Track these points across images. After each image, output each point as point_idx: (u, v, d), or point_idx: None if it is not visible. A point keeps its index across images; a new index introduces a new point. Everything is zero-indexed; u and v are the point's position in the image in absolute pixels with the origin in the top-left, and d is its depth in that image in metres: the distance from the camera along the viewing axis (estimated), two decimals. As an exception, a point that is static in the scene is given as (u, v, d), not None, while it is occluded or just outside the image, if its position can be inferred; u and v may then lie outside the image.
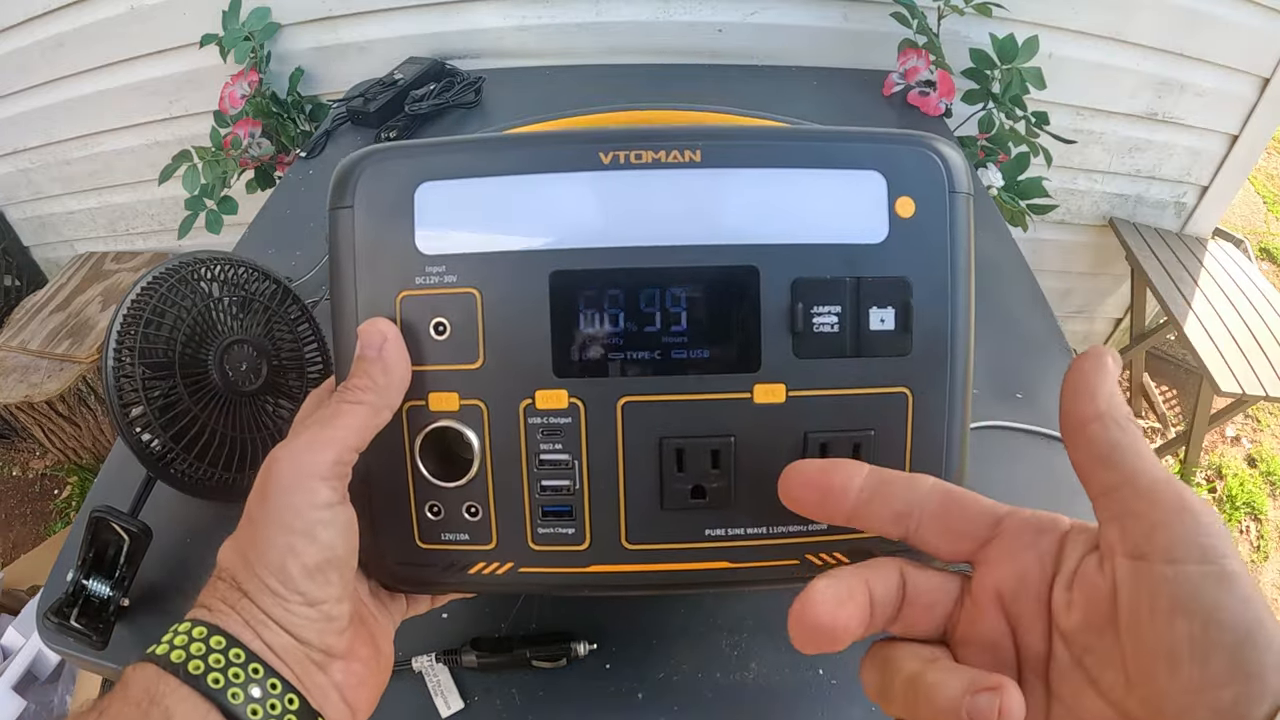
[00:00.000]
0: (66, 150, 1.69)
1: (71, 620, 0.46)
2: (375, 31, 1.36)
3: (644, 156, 0.32)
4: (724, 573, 0.34)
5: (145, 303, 0.48)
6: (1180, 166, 1.53)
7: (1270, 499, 1.73)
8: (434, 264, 0.32)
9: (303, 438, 0.29)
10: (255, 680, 0.26)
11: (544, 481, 0.33)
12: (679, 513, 0.33)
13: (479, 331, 0.32)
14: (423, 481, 0.33)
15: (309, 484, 0.28)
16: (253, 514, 0.28)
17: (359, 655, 0.30)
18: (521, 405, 0.33)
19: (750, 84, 1.20)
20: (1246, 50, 1.36)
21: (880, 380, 0.32)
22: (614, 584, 0.34)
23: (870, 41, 1.27)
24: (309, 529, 0.28)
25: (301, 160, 1.01)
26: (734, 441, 0.33)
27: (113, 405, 0.46)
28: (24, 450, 1.81)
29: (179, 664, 0.25)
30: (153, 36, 1.43)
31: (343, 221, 0.33)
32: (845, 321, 0.32)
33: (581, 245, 0.32)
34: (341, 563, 0.29)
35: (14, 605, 1.25)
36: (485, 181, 0.32)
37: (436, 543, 0.34)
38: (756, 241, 0.32)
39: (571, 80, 1.21)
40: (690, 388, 0.32)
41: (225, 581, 0.28)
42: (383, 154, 0.33)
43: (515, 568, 0.34)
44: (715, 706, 0.44)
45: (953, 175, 0.32)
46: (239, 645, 0.26)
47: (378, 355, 0.31)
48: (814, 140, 0.33)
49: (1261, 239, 2.43)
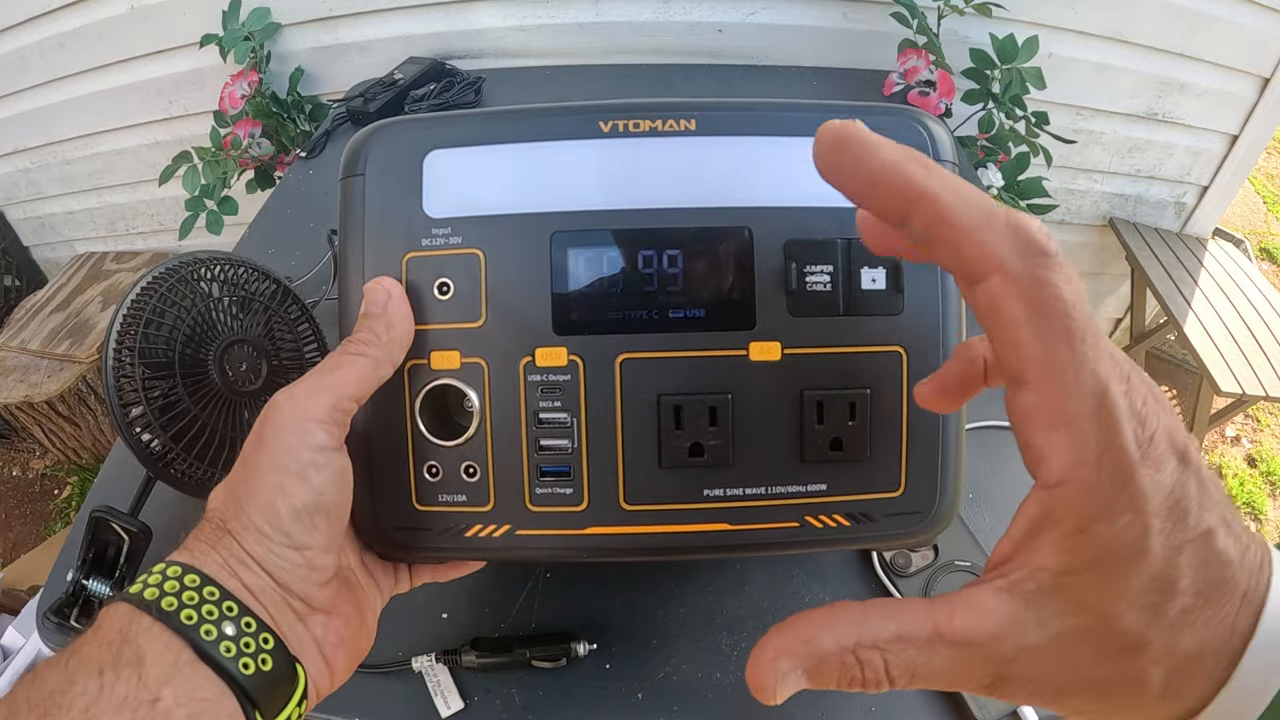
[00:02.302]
0: (66, 150, 1.69)
1: (71, 620, 0.46)
2: (375, 31, 1.36)
3: (641, 125, 0.33)
4: (723, 535, 0.34)
5: (145, 303, 0.48)
6: (1180, 166, 1.53)
7: (1270, 499, 1.73)
8: (440, 226, 0.33)
9: (303, 383, 0.29)
10: (229, 618, 0.25)
11: (543, 441, 0.33)
12: (677, 471, 0.33)
13: (481, 291, 0.33)
14: (422, 441, 0.33)
15: (305, 425, 0.28)
16: (247, 455, 0.28)
17: (341, 613, 0.30)
18: (521, 363, 0.33)
19: (750, 84, 1.20)
20: (1246, 50, 1.36)
21: (874, 339, 0.33)
22: (612, 547, 0.34)
23: (870, 41, 1.27)
24: (301, 470, 0.28)
25: (301, 160, 1.01)
26: (731, 399, 0.33)
27: (113, 405, 0.46)
28: (24, 450, 1.81)
29: (152, 601, 0.25)
30: (153, 36, 1.43)
31: (354, 189, 0.34)
32: (838, 281, 0.33)
33: (582, 208, 0.33)
34: (330, 509, 0.29)
35: (14, 605, 1.25)
36: (491, 149, 0.34)
37: (434, 504, 0.34)
38: (749, 204, 0.33)
39: (571, 80, 1.21)
40: (687, 345, 0.33)
41: (211, 523, 0.28)
42: (393, 125, 0.35)
43: (513, 530, 0.34)
44: (715, 706, 0.44)
45: (937, 144, 0.33)
46: (214, 584, 0.26)
47: (382, 311, 0.31)
48: (804, 110, 0.34)
49: (1261, 239, 2.43)
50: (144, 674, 0.23)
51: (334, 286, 0.73)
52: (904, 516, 0.34)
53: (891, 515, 0.34)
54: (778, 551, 0.35)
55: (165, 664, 0.24)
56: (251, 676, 0.25)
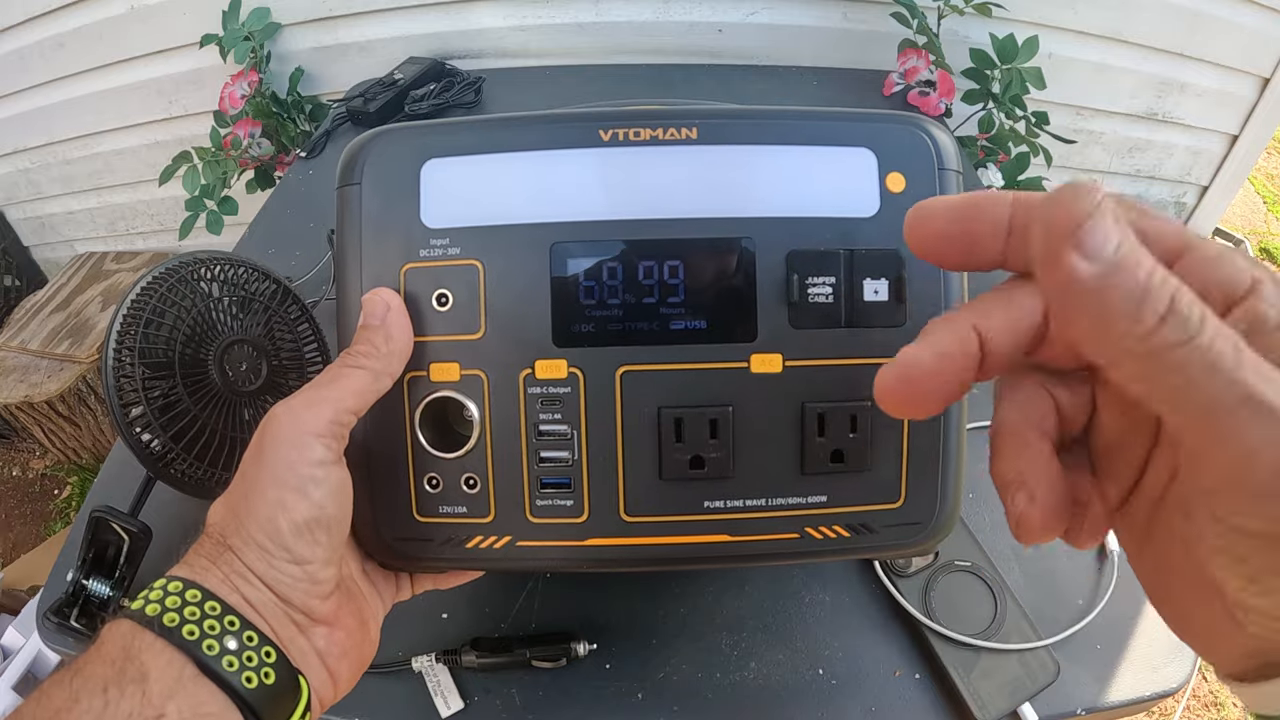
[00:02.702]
0: (66, 150, 1.69)
1: (71, 620, 0.46)
2: (375, 31, 1.36)
3: (642, 134, 0.33)
4: (724, 546, 0.34)
5: (145, 303, 0.48)
6: (1180, 166, 1.53)
7: (1270, 499, 1.72)
8: (438, 237, 0.33)
9: (301, 396, 0.29)
10: (231, 633, 0.26)
11: (543, 453, 0.33)
12: (678, 484, 0.33)
13: (480, 302, 0.33)
14: (422, 453, 0.33)
15: (304, 439, 0.28)
16: (246, 470, 0.28)
17: (343, 625, 0.30)
18: (521, 375, 0.33)
19: (750, 84, 1.20)
20: (1246, 50, 1.36)
21: (876, 350, 0.33)
22: (612, 558, 0.34)
23: (870, 41, 1.27)
24: (301, 485, 0.28)
25: (301, 160, 1.01)
26: (732, 411, 0.33)
27: (113, 405, 0.46)
28: (24, 450, 1.81)
29: (154, 617, 0.25)
30: (153, 36, 1.43)
31: (350, 198, 0.34)
32: (840, 292, 0.33)
33: (582, 218, 0.33)
34: (331, 523, 0.28)
35: (14, 605, 1.24)
36: (489, 158, 0.33)
37: (434, 516, 0.34)
38: (751, 215, 0.33)
39: (571, 80, 1.21)
40: (688, 357, 0.33)
41: (211, 538, 0.28)
42: (390, 134, 0.34)
43: (513, 541, 0.34)
44: (715, 706, 0.44)
45: (941, 153, 0.33)
46: (215, 598, 0.26)
47: (380, 323, 0.31)
48: (806, 119, 0.34)
49: (1261, 239, 2.43)
50: (148, 690, 0.23)
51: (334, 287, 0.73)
52: (904, 527, 0.34)
53: (891, 526, 0.34)
54: (777, 562, 0.35)
55: (169, 679, 0.24)
56: (254, 690, 0.25)
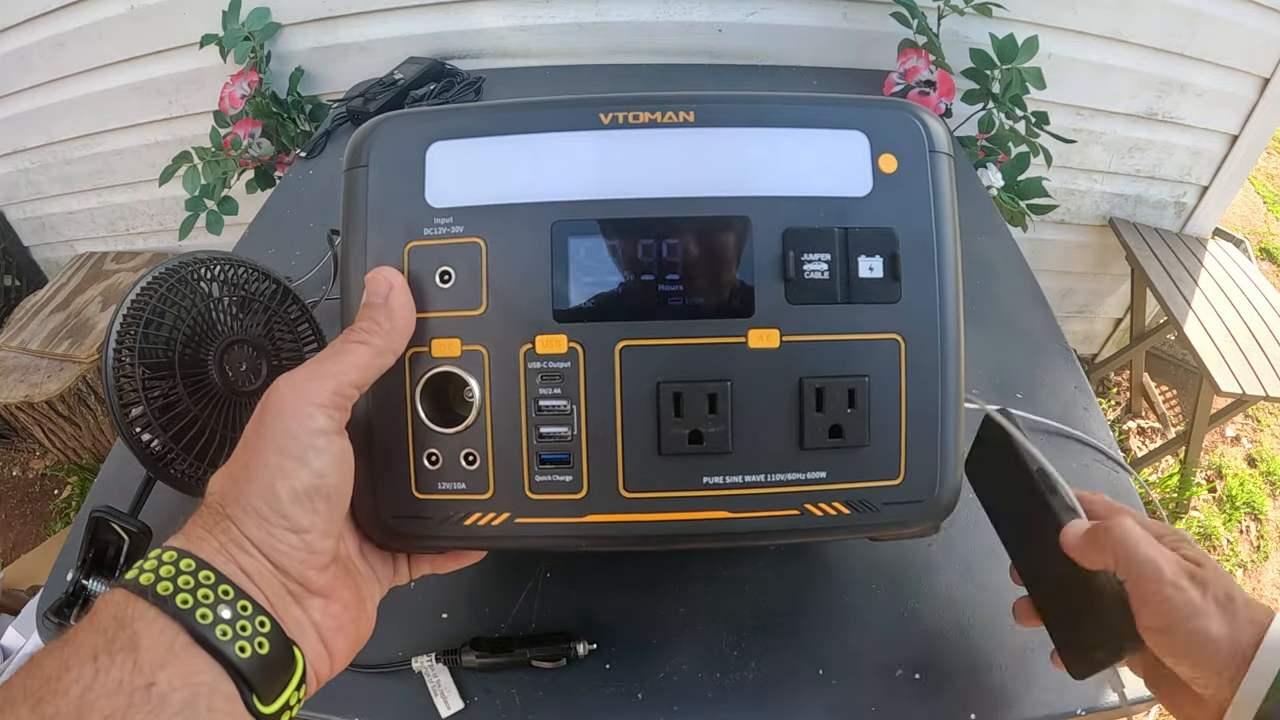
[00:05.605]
0: (66, 150, 1.69)
1: (71, 620, 0.46)
2: (375, 31, 1.36)
3: (641, 117, 0.34)
4: (723, 523, 0.34)
5: (145, 303, 0.48)
6: (1180, 166, 1.53)
7: (1270, 499, 1.72)
8: (442, 216, 0.34)
9: (304, 369, 0.29)
10: (225, 602, 0.25)
11: (542, 428, 0.33)
12: (677, 459, 0.34)
13: (482, 279, 0.33)
14: (422, 428, 0.33)
15: (306, 409, 0.28)
16: (248, 438, 0.28)
17: (340, 598, 0.30)
18: (522, 350, 0.33)
19: (750, 84, 1.20)
20: (1246, 50, 1.36)
21: (872, 326, 0.33)
22: (611, 535, 0.34)
23: (870, 41, 1.27)
24: (301, 453, 0.28)
25: (301, 160, 1.01)
26: (730, 386, 0.33)
27: (113, 405, 0.46)
28: (24, 450, 1.81)
29: (147, 586, 0.25)
30: (153, 36, 1.43)
31: (357, 180, 0.34)
32: (835, 269, 0.33)
33: (582, 198, 0.34)
34: (331, 493, 0.28)
35: (14, 605, 1.24)
36: (493, 140, 0.34)
37: (433, 492, 0.34)
38: (748, 194, 0.33)
39: (571, 80, 1.21)
40: (687, 332, 0.33)
41: (210, 508, 0.28)
42: (397, 118, 0.35)
43: (512, 518, 0.34)
44: (715, 706, 0.44)
45: (932, 136, 0.34)
46: (209, 568, 0.26)
47: (383, 301, 0.32)
48: (800, 103, 0.34)
49: (1261, 239, 2.43)
50: (139, 659, 0.23)
51: (334, 286, 0.73)
52: (904, 505, 0.34)
53: (891, 504, 0.34)
54: (778, 540, 0.35)
55: (161, 648, 0.24)
56: (248, 659, 0.25)
